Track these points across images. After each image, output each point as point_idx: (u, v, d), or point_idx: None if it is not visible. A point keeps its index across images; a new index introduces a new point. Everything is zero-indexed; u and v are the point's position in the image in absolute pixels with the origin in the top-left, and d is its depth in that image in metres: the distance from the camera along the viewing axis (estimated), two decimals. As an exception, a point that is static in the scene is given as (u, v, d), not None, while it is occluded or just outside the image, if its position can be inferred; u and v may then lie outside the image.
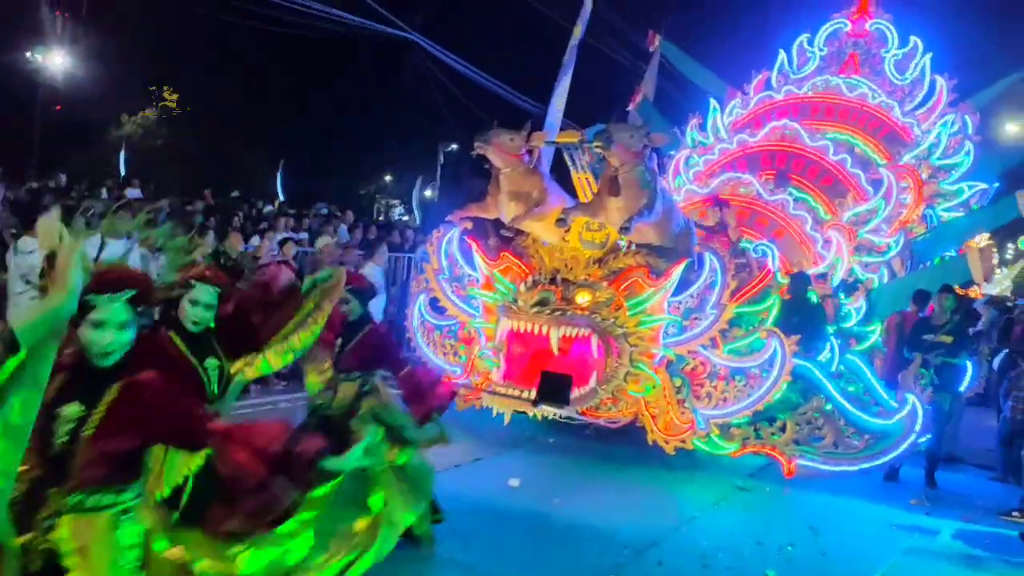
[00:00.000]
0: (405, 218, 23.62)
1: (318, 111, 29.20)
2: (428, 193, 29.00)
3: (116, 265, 2.82)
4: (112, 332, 2.60)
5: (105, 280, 2.64)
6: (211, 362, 3.75)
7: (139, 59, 25.97)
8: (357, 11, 17.26)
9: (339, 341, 5.01)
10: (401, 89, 29.18)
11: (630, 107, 12.65)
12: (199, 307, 3.69)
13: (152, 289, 2.80)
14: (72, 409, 2.59)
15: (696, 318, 7.29)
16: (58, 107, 25.93)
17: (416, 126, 29.89)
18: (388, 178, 35.63)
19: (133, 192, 11.95)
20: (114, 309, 2.61)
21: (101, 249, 7.36)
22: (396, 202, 33.42)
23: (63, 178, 12.71)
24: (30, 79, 25.02)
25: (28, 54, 25.06)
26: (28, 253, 7.11)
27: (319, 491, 2.92)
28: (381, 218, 29.96)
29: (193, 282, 3.70)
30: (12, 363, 2.30)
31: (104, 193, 11.80)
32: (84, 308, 2.56)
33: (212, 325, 3.76)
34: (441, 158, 32.11)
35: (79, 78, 25.85)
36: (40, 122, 24.75)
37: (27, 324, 2.34)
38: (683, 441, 7.37)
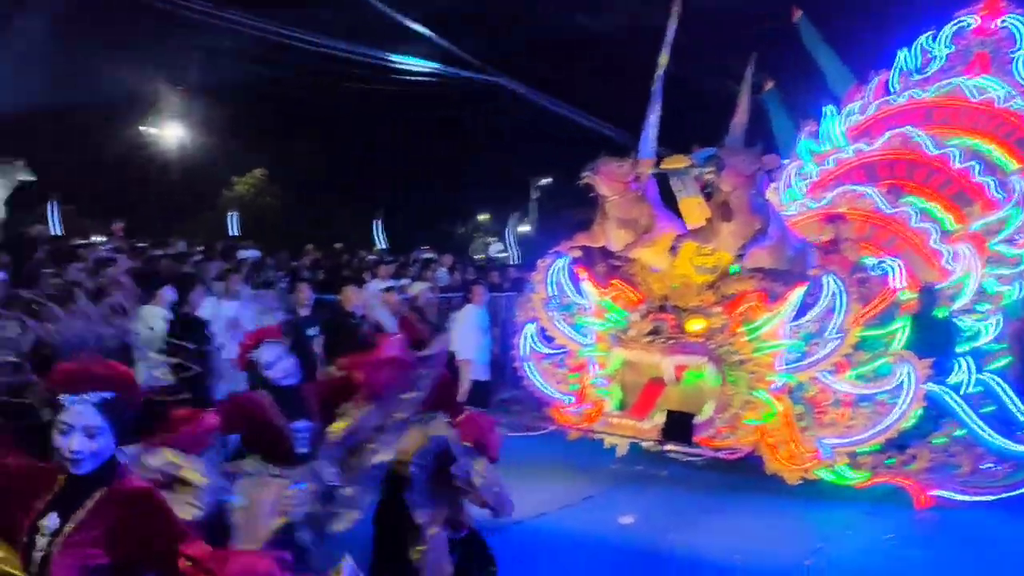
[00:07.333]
0: (503, 254, 23.92)
1: (410, 157, 29.94)
2: (524, 228, 29.25)
3: (93, 360, 2.54)
4: (78, 438, 2.26)
5: (74, 378, 2.32)
6: (302, 423, 3.85)
7: (243, 123, 27.24)
8: (441, 59, 17.63)
9: None
10: (491, 127, 29.61)
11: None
12: (274, 366, 3.84)
13: (135, 390, 2.43)
14: (49, 521, 2.30)
15: (816, 343, 7.07)
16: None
17: (508, 162, 30.28)
18: (483, 216, 36.09)
19: (248, 252, 12.02)
20: (80, 412, 2.27)
21: (216, 311, 7.75)
22: (493, 239, 33.84)
23: (183, 244, 12.94)
24: (145, 151, 26.81)
25: (142, 127, 26.82)
26: (150, 321, 7.26)
27: None
28: (480, 256, 30.36)
29: (254, 353, 3.89)
30: None
31: (219, 256, 11.67)
32: (55, 407, 2.29)
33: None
34: (534, 192, 32.36)
35: (190, 147, 27.53)
36: (155, 191, 26.30)
37: None
38: (807, 471, 7.13)
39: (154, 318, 7.26)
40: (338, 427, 3.98)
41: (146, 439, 3.20)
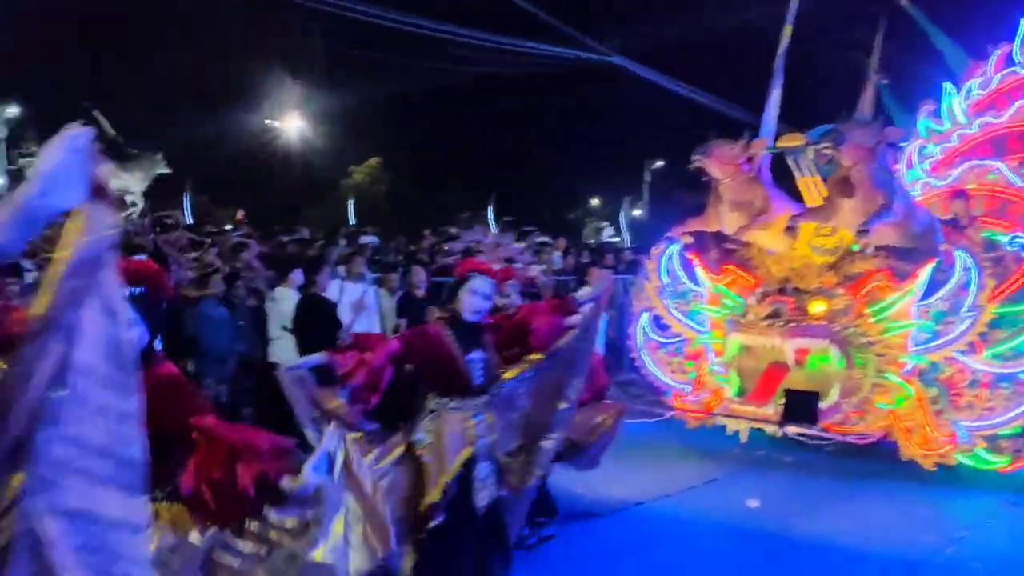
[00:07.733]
0: (615, 239, 23.63)
1: (523, 144, 30.09)
2: (636, 212, 28.92)
3: (125, 260, 2.75)
4: None
5: None
6: (477, 354, 3.93)
7: (361, 114, 28.12)
8: (555, 40, 17.57)
9: None
10: (603, 111, 29.41)
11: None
12: (478, 296, 3.92)
13: (164, 287, 2.70)
14: None
15: (949, 322, 6.75)
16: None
17: (620, 146, 30.02)
18: (595, 201, 35.93)
19: (369, 238, 12.31)
20: None
21: (341, 292, 8.03)
22: (605, 223, 33.68)
23: (306, 232, 13.42)
24: (270, 144, 28.22)
25: (267, 121, 28.19)
26: (282, 301, 7.64)
27: None
28: (591, 241, 30.42)
29: (471, 274, 3.97)
30: None
31: (343, 241, 11.93)
32: None
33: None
34: (647, 176, 31.96)
35: (310, 138, 28.82)
36: (279, 183, 27.67)
37: None
38: (943, 456, 6.81)
39: (285, 298, 7.60)
40: (512, 373, 4.09)
41: (333, 352, 3.39)
